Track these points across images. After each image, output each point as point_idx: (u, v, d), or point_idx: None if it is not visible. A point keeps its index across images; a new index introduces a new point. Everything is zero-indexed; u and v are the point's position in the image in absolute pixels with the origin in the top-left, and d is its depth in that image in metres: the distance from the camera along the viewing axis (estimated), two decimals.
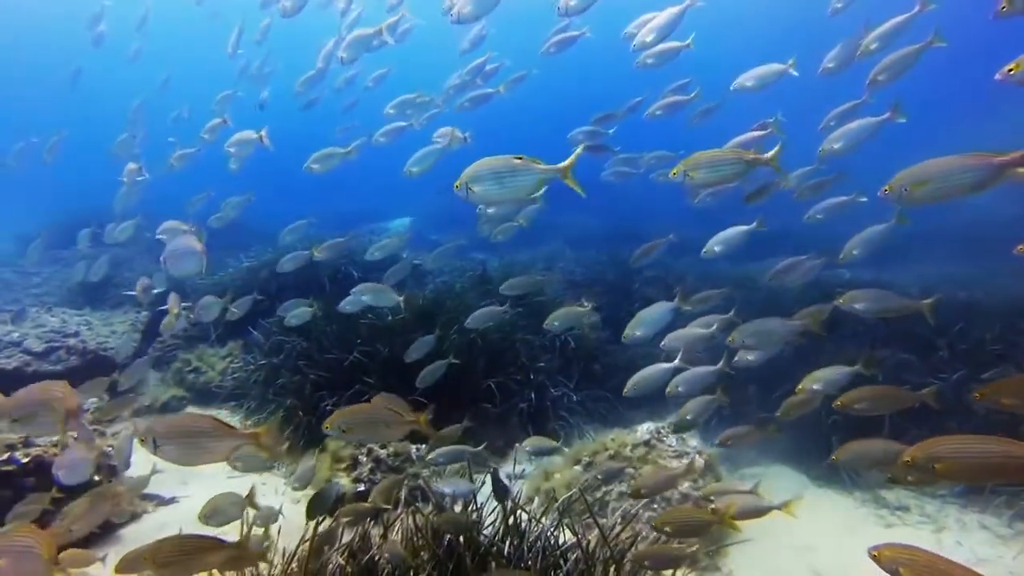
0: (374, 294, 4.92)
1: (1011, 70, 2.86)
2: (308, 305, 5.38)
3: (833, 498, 5.10)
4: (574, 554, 3.06)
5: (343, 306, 5.03)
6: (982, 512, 4.70)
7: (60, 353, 6.91)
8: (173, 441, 2.15)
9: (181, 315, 4.88)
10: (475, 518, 3.31)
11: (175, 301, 4.83)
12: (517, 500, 3.55)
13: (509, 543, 3.12)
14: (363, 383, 5.58)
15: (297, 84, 7.24)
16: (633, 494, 3.50)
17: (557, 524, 3.37)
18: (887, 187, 2.68)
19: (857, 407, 3.31)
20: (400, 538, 3.17)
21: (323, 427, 2.64)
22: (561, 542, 3.22)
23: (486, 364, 5.96)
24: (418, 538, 3.10)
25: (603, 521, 3.71)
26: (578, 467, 4.71)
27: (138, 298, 5.22)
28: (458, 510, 3.52)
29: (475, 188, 2.41)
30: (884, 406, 3.32)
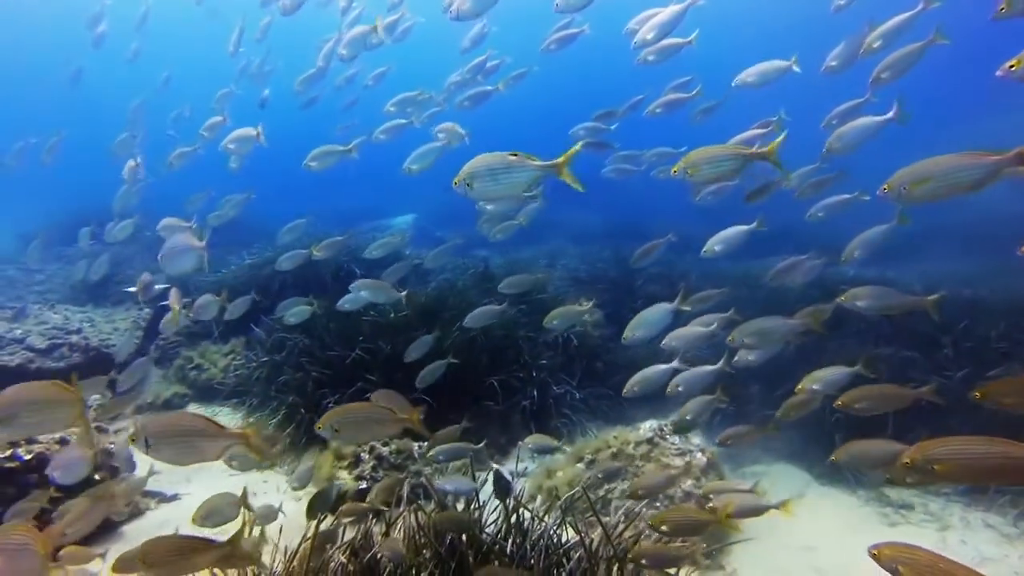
0: (373, 290, 4.91)
1: (1012, 66, 2.86)
2: (307, 303, 5.38)
3: (836, 496, 5.08)
4: (577, 553, 3.04)
5: (342, 304, 5.00)
6: (987, 511, 4.68)
7: (63, 350, 6.93)
8: (165, 441, 2.15)
9: (182, 312, 4.85)
10: (476, 516, 3.31)
11: (176, 297, 4.80)
12: (520, 498, 3.54)
13: (512, 541, 3.11)
14: (365, 380, 5.58)
15: (297, 83, 7.23)
16: (631, 495, 3.48)
17: (560, 522, 3.36)
18: (886, 186, 2.70)
19: (858, 407, 3.29)
20: (402, 536, 3.17)
21: (315, 428, 2.62)
22: (564, 540, 3.21)
23: (488, 361, 5.95)
24: (420, 536, 3.10)
25: (606, 519, 3.69)
26: (581, 465, 4.70)
27: (138, 294, 5.19)
28: (460, 508, 3.51)
29: (472, 184, 2.43)
30: (885, 405, 3.30)
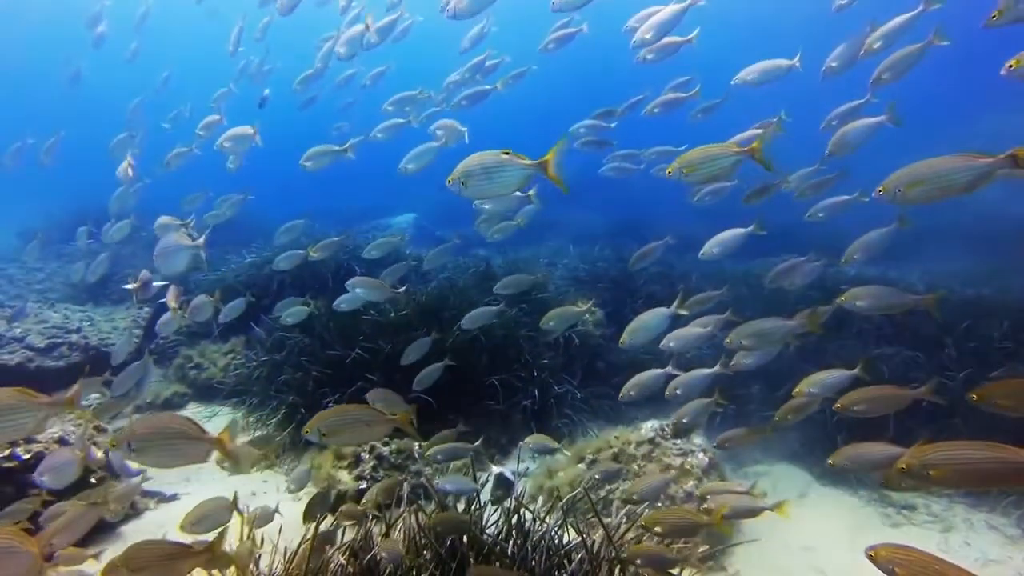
0: (369, 288, 4.88)
1: (1012, 66, 2.89)
2: (304, 304, 5.35)
3: (838, 497, 5.05)
4: (579, 554, 3.02)
5: (338, 304, 4.97)
6: (990, 512, 4.65)
7: (62, 349, 6.93)
8: (147, 444, 2.13)
9: (180, 311, 4.81)
10: (476, 517, 3.28)
11: (175, 295, 4.77)
12: (521, 498, 3.51)
13: (513, 543, 3.09)
14: (366, 380, 5.56)
15: (295, 82, 7.22)
16: (626, 500, 3.46)
17: (561, 523, 3.34)
18: (882, 188, 2.71)
19: (856, 409, 3.26)
20: (403, 537, 3.15)
21: (303, 432, 2.59)
22: (565, 541, 3.19)
23: (489, 361, 5.93)
24: (420, 537, 3.08)
25: (608, 520, 3.67)
26: (582, 465, 4.68)
27: (135, 293, 5.14)
28: (461, 508, 3.49)
29: (467, 182, 2.44)
30: (884, 406, 3.27)
